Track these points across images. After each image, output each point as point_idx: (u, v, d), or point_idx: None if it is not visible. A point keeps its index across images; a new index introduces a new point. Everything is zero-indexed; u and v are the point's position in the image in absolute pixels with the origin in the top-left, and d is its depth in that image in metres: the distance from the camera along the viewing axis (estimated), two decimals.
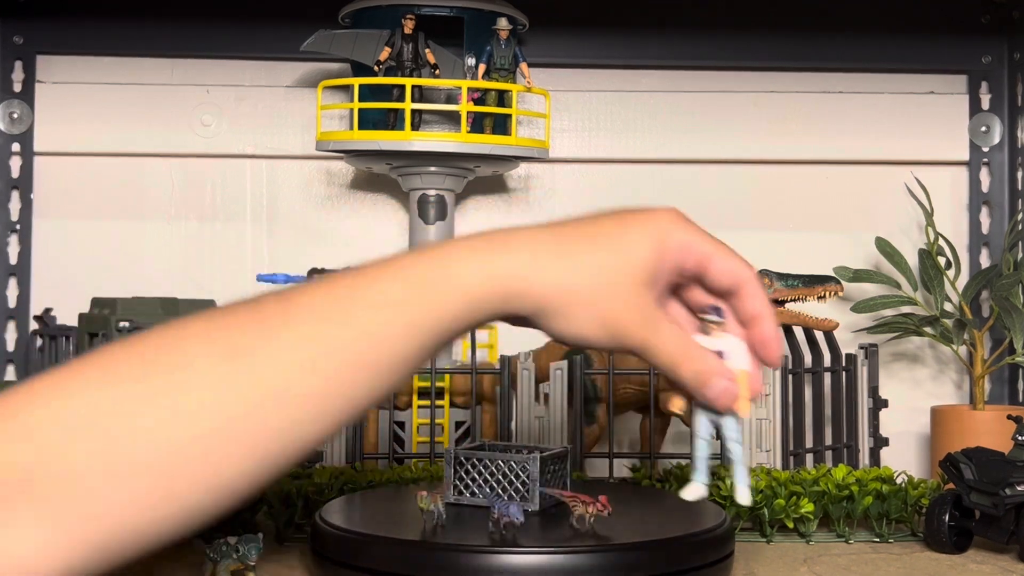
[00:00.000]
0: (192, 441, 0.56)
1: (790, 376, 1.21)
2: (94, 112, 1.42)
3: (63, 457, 0.55)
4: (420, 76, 1.24)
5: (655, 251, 0.66)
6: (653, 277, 0.66)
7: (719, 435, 0.73)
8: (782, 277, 1.22)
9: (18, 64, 1.41)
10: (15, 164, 1.41)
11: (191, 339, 0.59)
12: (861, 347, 1.25)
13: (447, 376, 1.22)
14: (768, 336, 0.70)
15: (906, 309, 1.38)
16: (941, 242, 1.37)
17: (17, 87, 1.41)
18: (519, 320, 0.65)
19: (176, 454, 0.56)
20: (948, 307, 1.36)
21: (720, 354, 0.70)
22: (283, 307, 0.61)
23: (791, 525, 1.05)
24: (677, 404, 0.73)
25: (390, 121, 1.23)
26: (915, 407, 1.41)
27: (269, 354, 0.59)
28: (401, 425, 1.25)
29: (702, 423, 0.73)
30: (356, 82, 1.22)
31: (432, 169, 1.25)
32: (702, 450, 0.74)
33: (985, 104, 1.47)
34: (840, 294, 1.23)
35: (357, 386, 0.60)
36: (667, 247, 0.67)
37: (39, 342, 1.30)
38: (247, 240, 1.44)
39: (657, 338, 0.66)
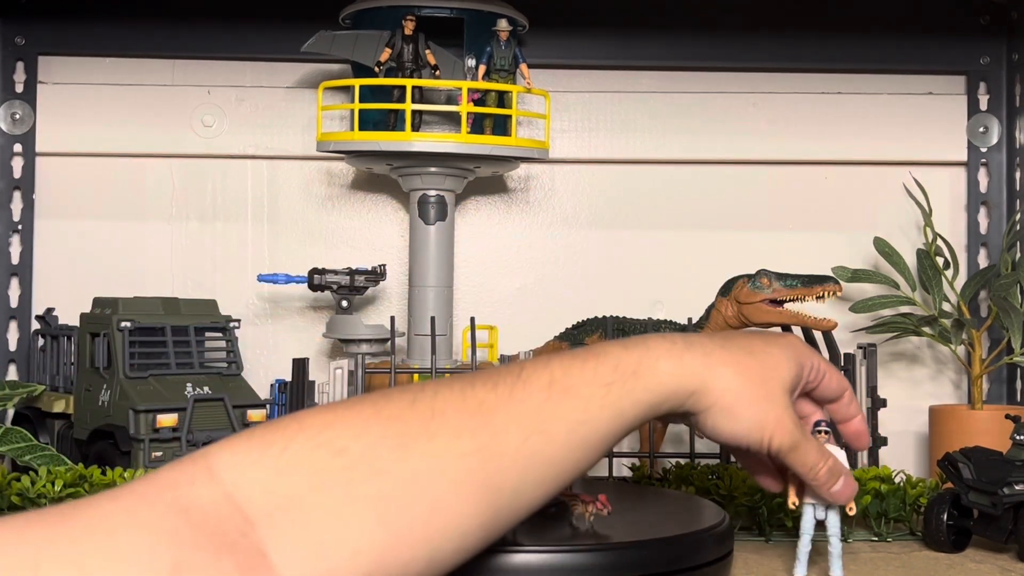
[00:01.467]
0: (446, 491, 0.62)
1: None
2: (96, 113, 1.42)
3: (337, 491, 0.58)
4: (420, 77, 1.24)
5: (797, 364, 0.78)
6: (795, 385, 0.78)
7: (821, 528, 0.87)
8: (781, 277, 1.23)
9: (20, 65, 1.42)
10: (17, 164, 1.41)
11: (448, 407, 0.65)
12: (860, 347, 1.25)
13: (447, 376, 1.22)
14: (863, 430, 0.86)
15: (904, 309, 1.39)
16: (939, 242, 1.37)
17: (19, 88, 1.41)
18: (680, 417, 0.76)
19: (432, 500, 0.61)
20: (946, 307, 1.36)
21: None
22: (514, 376, 0.68)
23: (791, 525, 1.05)
24: (793, 501, 0.86)
25: (390, 122, 1.23)
26: (913, 407, 1.42)
27: (508, 414, 0.66)
28: None
29: (808, 520, 0.87)
30: (357, 83, 1.22)
31: (432, 170, 1.26)
32: (806, 546, 0.88)
33: (983, 105, 1.47)
34: (839, 294, 1.23)
35: (572, 453, 0.68)
36: (803, 364, 0.79)
37: (41, 342, 1.31)
38: (248, 240, 1.44)
39: (806, 439, 0.78)
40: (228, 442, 0.59)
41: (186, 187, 1.44)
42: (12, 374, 1.40)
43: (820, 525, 0.88)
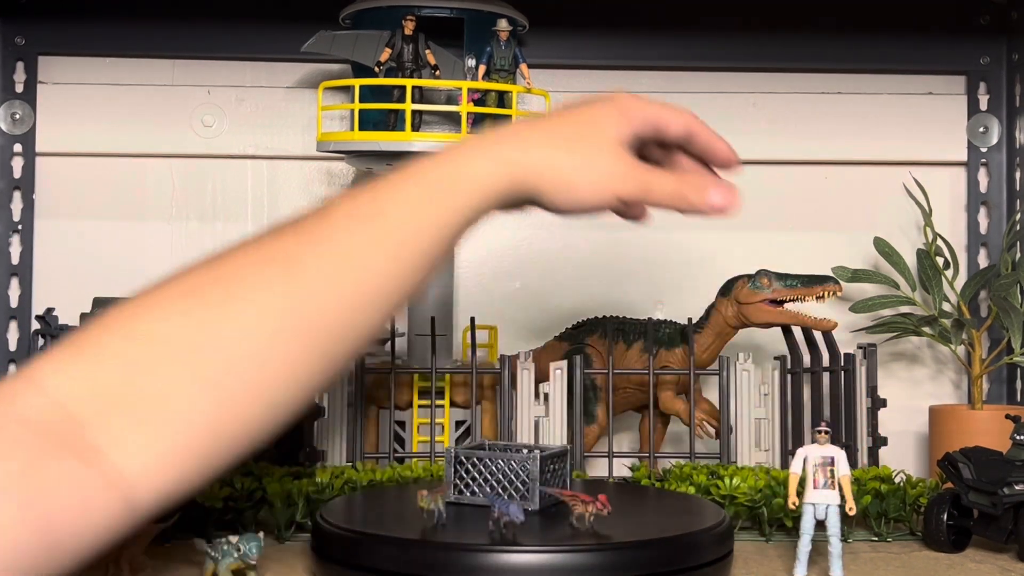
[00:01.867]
0: (264, 345, 0.63)
1: (789, 376, 1.21)
2: (96, 113, 1.42)
3: (154, 374, 0.61)
4: (420, 77, 1.24)
5: (622, 121, 0.78)
6: (627, 140, 0.78)
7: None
8: (781, 277, 1.23)
9: (20, 65, 1.42)
10: (17, 164, 1.41)
11: (248, 263, 0.68)
12: (860, 347, 1.26)
13: (447, 376, 1.23)
14: (721, 146, 0.87)
15: (904, 309, 1.39)
16: (939, 242, 1.37)
17: (19, 88, 1.41)
18: (521, 205, 0.77)
19: (252, 358, 0.63)
20: (946, 307, 1.36)
21: (832, 460, 0.87)
22: (323, 219, 0.69)
23: (791, 525, 1.05)
24: (793, 501, 0.88)
25: (390, 122, 1.23)
26: (913, 407, 1.42)
27: (318, 263, 0.66)
28: (402, 425, 1.25)
29: (808, 520, 0.87)
30: (357, 83, 1.22)
31: None
32: (806, 546, 0.88)
33: (983, 105, 1.47)
34: (839, 294, 1.23)
35: (395, 279, 0.69)
36: (630, 118, 0.78)
37: (41, 342, 1.31)
38: None
39: (653, 175, 0.79)
40: (47, 354, 0.62)
41: (186, 187, 1.44)
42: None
43: (820, 525, 0.89)
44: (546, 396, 1.19)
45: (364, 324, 0.68)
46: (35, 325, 1.36)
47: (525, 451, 0.97)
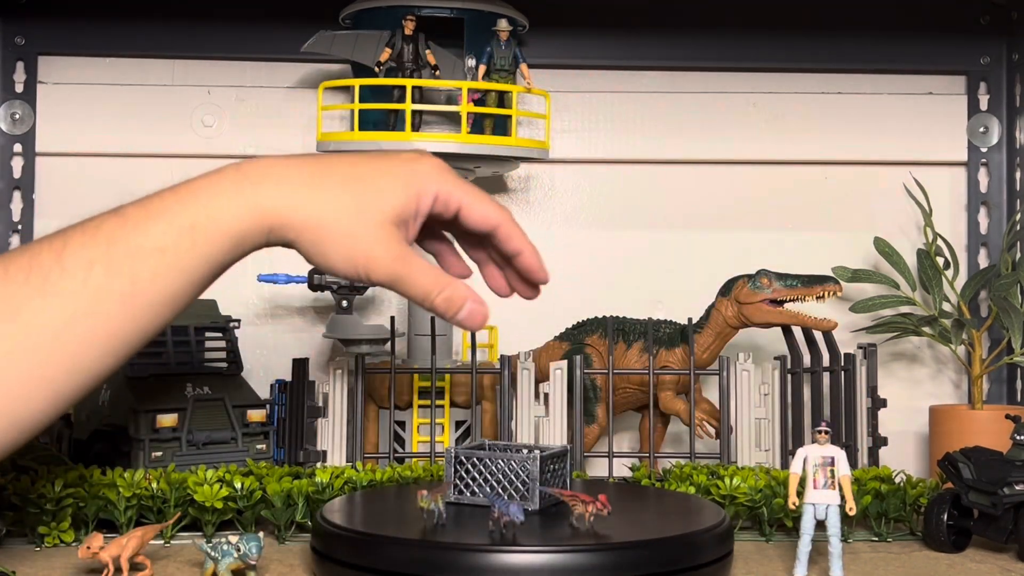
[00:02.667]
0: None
1: (789, 376, 1.21)
2: (96, 113, 1.42)
3: None
4: (420, 77, 1.24)
5: (407, 197, 0.73)
6: (402, 220, 0.73)
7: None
8: (781, 277, 1.23)
9: (20, 65, 1.42)
10: (17, 164, 1.41)
11: None
12: (860, 347, 1.26)
13: (447, 376, 1.23)
14: (532, 265, 0.81)
15: (905, 309, 1.39)
16: (940, 242, 1.37)
17: (19, 88, 1.41)
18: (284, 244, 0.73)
19: None
20: (947, 307, 1.36)
21: (832, 459, 0.87)
22: (53, 256, 0.68)
23: (791, 525, 1.05)
24: (793, 501, 0.88)
25: (390, 122, 1.23)
26: (914, 407, 1.42)
27: (42, 308, 0.66)
28: (401, 425, 1.25)
29: (808, 520, 0.87)
30: (357, 83, 1.22)
31: None
32: (806, 546, 0.88)
33: (983, 105, 1.47)
34: (839, 294, 1.23)
35: (130, 324, 0.68)
36: (422, 195, 0.74)
37: None
38: None
39: (407, 271, 0.73)
40: None
41: None
42: None
43: (820, 525, 0.89)
44: (546, 396, 1.19)
45: (96, 366, 0.68)
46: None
47: (525, 451, 0.97)
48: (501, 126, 1.26)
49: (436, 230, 0.82)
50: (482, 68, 1.23)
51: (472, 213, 0.76)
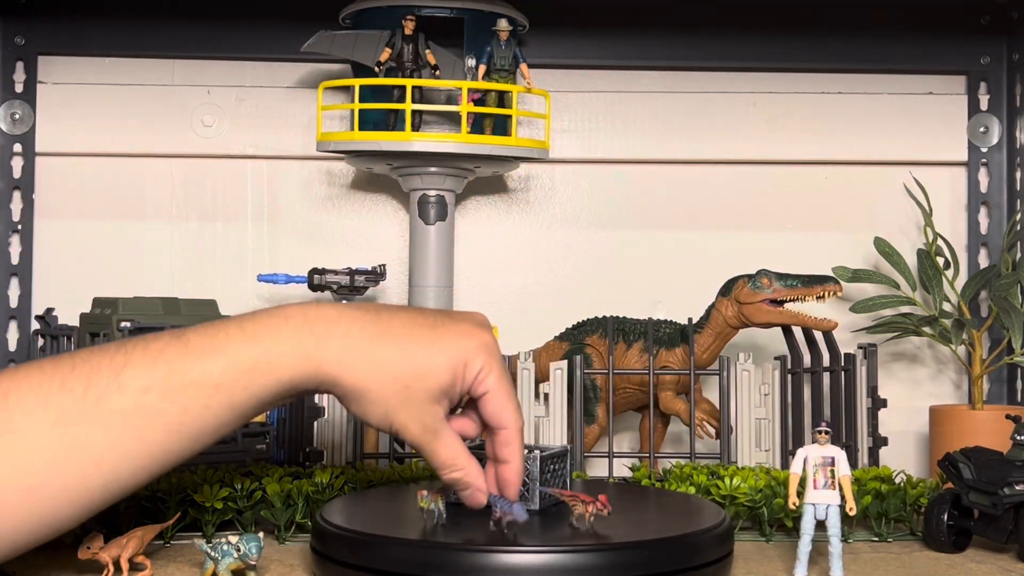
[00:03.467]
0: (25, 491, 0.67)
1: (789, 376, 1.21)
2: (95, 113, 1.42)
3: None
4: (420, 77, 1.24)
5: (452, 375, 0.77)
6: (445, 395, 0.77)
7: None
8: (781, 277, 1.23)
9: (19, 65, 1.42)
10: (17, 164, 1.41)
11: (23, 400, 0.68)
12: (860, 347, 1.25)
13: None
14: (510, 480, 0.83)
15: (905, 309, 1.39)
16: (940, 242, 1.37)
17: (19, 88, 1.41)
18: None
19: (10, 502, 0.67)
20: (947, 307, 1.36)
21: (832, 460, 0.87)
22: (112, 373, 0.70)
23: (791, 525, 1.05)
24: (793, 501, 0.88)
25: (390, 122, 1.23)
26: (914, 407, 1.42)
27: (94, 424, 0.68)
28: None
29: (808, 520, 0.87)
30: (357, 83, 1.22)
31: (432, 170, 1.26)
32: (806, 546, 0.88)
33: (984, 105, 1.47)
34: (839, 294, 1.23)
35: (172, 449, 0.70)
36: (465, 374, 0.77)
37: (41, 342, 1.30)
38: (248, 240, 1.44)
39: (433, 445, 0.78)
40: None
41: (186, 187, 1.44)
42: None
43: (820, 525, 0.88)
44: (546, 396, 1.18)
45: (129, 485, 0.71)
46: (35, 325, 1.36)
47: (525, 451, 0.97)
48: (501, 126, 1.26)
49: None
50: (482, 68, 1.23)
51: (490, 404, 0.80)
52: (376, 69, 1.24)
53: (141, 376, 0.69)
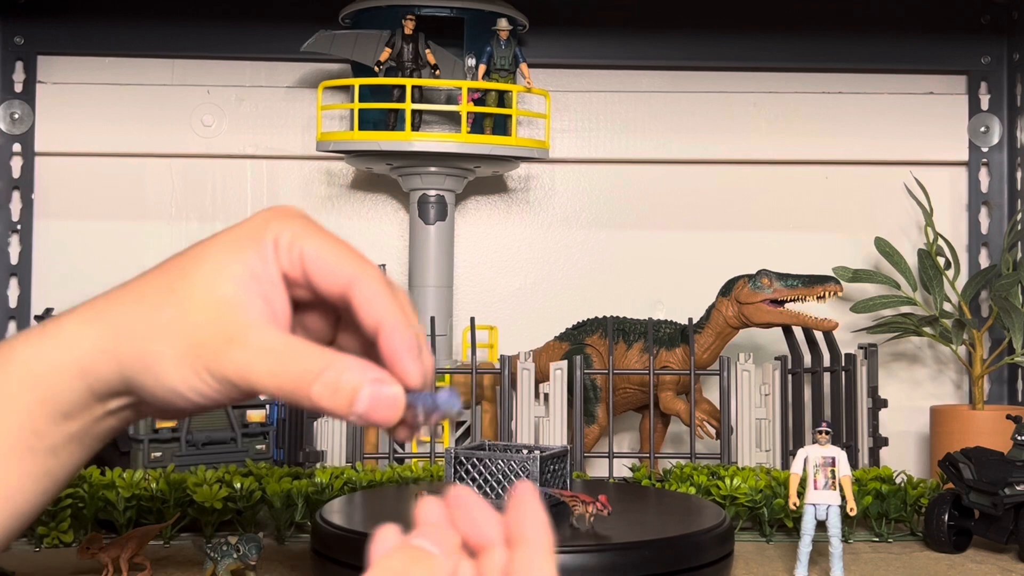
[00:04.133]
0: None
1: (790, 376, 1.21)
2: (95, 112, 1.42)
3: None
4: (420, 76, 1.24)
5: (249, 259, 0.51)
6: (257, 282, 0.51)
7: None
8: (782, 277, 1.23)
9: (19, 64, 1.42)
10: (16, 164, 1.41)
11: None
12: (860, 347, 1.25)
13: (447, 376, 1.22)
14: (399, 348, 0.50)
15: (905, 309, 1.39)
16: (940, 242, 1.37)
17: (18, 87, 1.41)
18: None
19: None
20: (947, 307, 1.36)
21: (833, 460, 0.87)
22: None
23: (791, 525, 1.05)
24: (793, 502, 0.88)
25: (390, 121, 1.23)
26: (914, 407, 1.42)
27: None
28: None
29: (808, 520, 0.87)
30: (356, 82, 1.22)
31: (432, 169, 1.25)
32: (807, 546, 0.88)
33: (984, 104, 1.47)
34: (839, 294, 1.23)
35: None
36: (260, 243, 0.52)
37: None
38: None
39: (279, 361, 0.49)
40: None
41: (186, 187, 1.44)
42: None
43: (821, 525, 0.88)
44: (546, 396, 1.18)
45: None
46: (34, 325, 1.36)
47: (525, 451, 0.97)
48: (501, 126, 1.26)
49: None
50: (482, 68, 1.23)
51: (317, 264, 0.51)
52: (376, 69, 1.24)
53: None
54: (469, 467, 0.95)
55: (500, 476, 0.94)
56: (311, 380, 0.48)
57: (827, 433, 0.88)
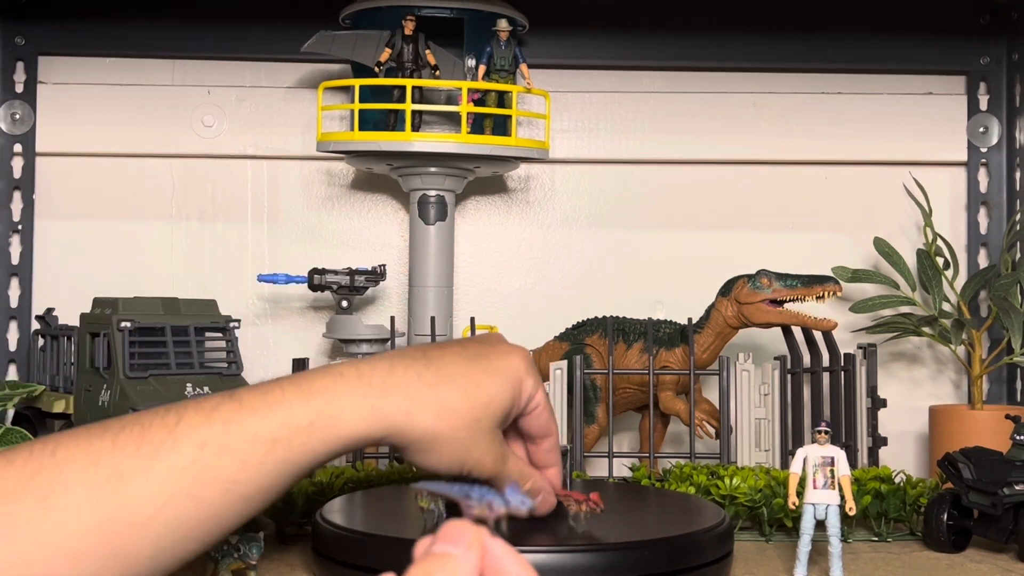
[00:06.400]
0: (70, 558, 0.60)
1: (789, 376, 1.21)
2: (96, 113, 1.42)
3: None
4: (420, 77, 1.24)
5: (512, 398, 0.76)
6: (507, 418, 0.77)
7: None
8: (781, 277, 1.23)
9: (20, 65, 1.42)
10: (17, 164, 1.41)
11: (72, 459, 0.62)
12: (860, 347, 1.25)
13: None
14: (558, 484, 0.85)
15: (905, 309, 1.39)
16: (939, 242, 1.37)
17: (19, 88, 1.41)
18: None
19: (54, 569, 0.60)
20: (946, 307, 1.36)
21: (832, 460, 0.87)
22: (166, 431, 0.65)
23: (791, 525, 1.05)
24: (793, 501, 0.89)
25: (390, 122, 1.23)
26: (913, 407, 1.42)
27: (147, 481, 0.62)
28: None
29: (808, 520, 0.88)
30: (357, 83, 1.22)
31: (432, 170, 1.26)
32: (806, 546, 0.88)
33: (983, 105, 1.47)
34: (839, 294, 1.23)
35: (228, 510, 0.65)
36: (520, 394, 0.77)
37: (41, 342, 1.31)
38: (248, 240, 1.44)
39: (506, 469, 0.77)
40: None
41: (186, 187, 1.44)
42: (12, 374, 1.40)
43: (820, 525, 0.88)
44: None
45: (180, 552, 0.65)
46: (35, 325, 1.36)
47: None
48: (501, 126, 1.26)
49: None
50: (482, 68, 1.23)
51: (541, 416, 0.80)
52: (376, 69, 1.24)
53: (196, 431, 0.65)
54: None
55: None
56: (535, 492, 0.81)
57: (826, 433, 0.88)
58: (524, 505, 0.57)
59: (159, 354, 1.14)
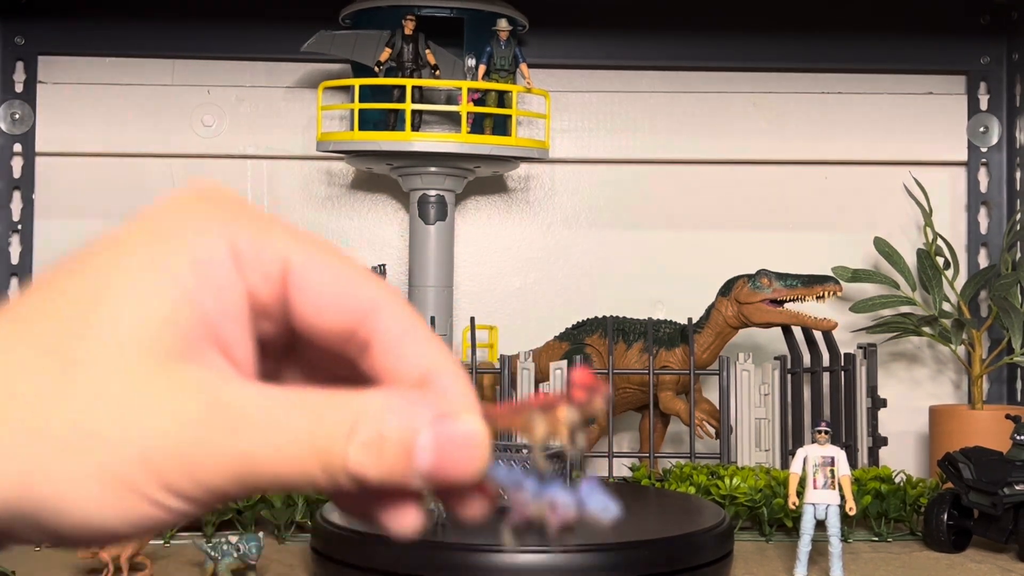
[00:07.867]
0: None
1: (789, 376, 1.21)
2: (95, 112, 1.42)
3: None
4: (420, 77, 1.24)
5: (188, 304, 0.33)
6: (191, 341, 0.33)
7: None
8: (781, 277, 1.23)
9: (20, 65, 1.42)
10: (17, 164, 1.41)
11: None
12: (860, 347, 1.25)
13: None
14: (470, 398, 0.34)
15: (905, 309, 1.39)
16: (940, 242, 1.37)
17: (19, 88, 1.41)
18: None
19: None
20: (947, 307, 1.36)
21: (832, 460, 0.87)
22: None
23: (791, 525, 1.05)
24: (793, 501, 0.88)
25: (390, 122, 1.23)
26: (914, 407, 1.42)
27: None
28: None
29: (808, 520, 0.88)
30: (357, 83, 1.22)
31: (432, 169, 1.26)
32: (806, 546, 0.88)
33: (984, 105, 1.47)
34: (839, 294, 1.23)
35: None
36: (219, 277, 0.35)
37: None
38: None
39: (253, 432, 0.32)
40: None
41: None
42: None
43: (820, 525, 0.88)
44: None
45: None
46: None
47: (525, 451, 0.97)
48: (501, 126, 1.26)
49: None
50: (482, 68, 1.23)
51: (316, 288, 0.34)
52: (376, 69, 1.24)
53: None
54: None
55: None
56: (342, 445, 0.30)
57: (826, 433, 0.88)
58: (608, 512, 0.34)
59: None
